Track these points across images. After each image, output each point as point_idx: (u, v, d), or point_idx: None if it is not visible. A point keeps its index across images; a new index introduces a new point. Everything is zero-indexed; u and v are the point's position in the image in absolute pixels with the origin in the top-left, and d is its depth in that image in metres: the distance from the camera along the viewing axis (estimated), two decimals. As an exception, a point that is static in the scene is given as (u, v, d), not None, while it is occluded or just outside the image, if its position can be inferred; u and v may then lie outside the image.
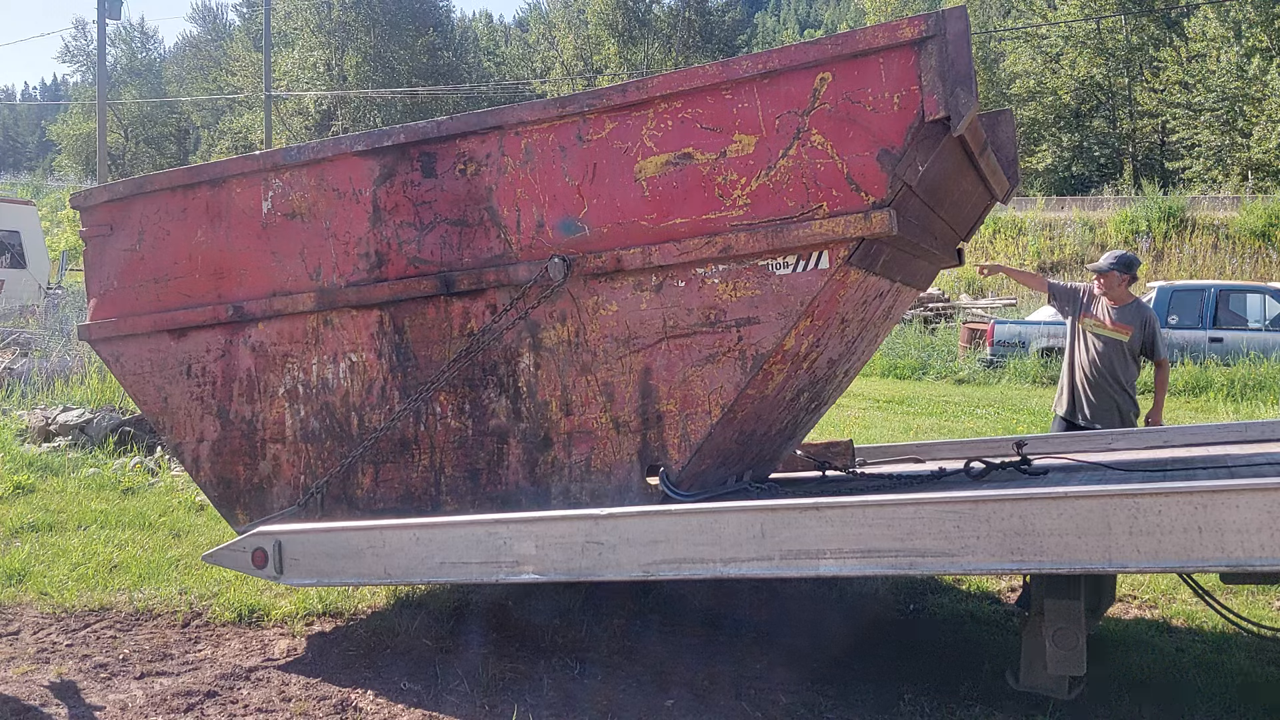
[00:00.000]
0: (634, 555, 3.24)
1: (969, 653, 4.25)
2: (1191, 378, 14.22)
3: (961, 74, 3.06)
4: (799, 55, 3.24)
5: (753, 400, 3.63)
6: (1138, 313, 5.71)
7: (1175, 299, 15.87)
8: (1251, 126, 32.41)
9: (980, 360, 16.39)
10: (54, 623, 4.53)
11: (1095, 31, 39.04)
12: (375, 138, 3.95)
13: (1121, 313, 5.69)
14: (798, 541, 3.03)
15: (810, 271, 3.31)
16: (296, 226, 4.12)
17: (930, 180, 3.46)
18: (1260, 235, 25.41)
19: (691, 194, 3.42)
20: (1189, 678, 3.95)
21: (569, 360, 3.70)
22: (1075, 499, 2.75)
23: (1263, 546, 2.57)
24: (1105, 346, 5.66)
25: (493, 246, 3.77)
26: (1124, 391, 5.69)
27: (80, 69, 66.52)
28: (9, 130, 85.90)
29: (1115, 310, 5.69)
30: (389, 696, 3.75)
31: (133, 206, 4.47)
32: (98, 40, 27.89)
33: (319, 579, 3.83)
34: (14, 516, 6.16)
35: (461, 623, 4.53)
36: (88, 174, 49.06)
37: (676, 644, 4.28)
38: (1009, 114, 4.50)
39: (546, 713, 3.61)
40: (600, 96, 3.56)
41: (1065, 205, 31.58)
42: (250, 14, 58.28)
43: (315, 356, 4.16)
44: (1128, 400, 5.70)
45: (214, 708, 3.66)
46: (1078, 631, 3.17)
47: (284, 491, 4.28)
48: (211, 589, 4.92)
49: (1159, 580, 5.20)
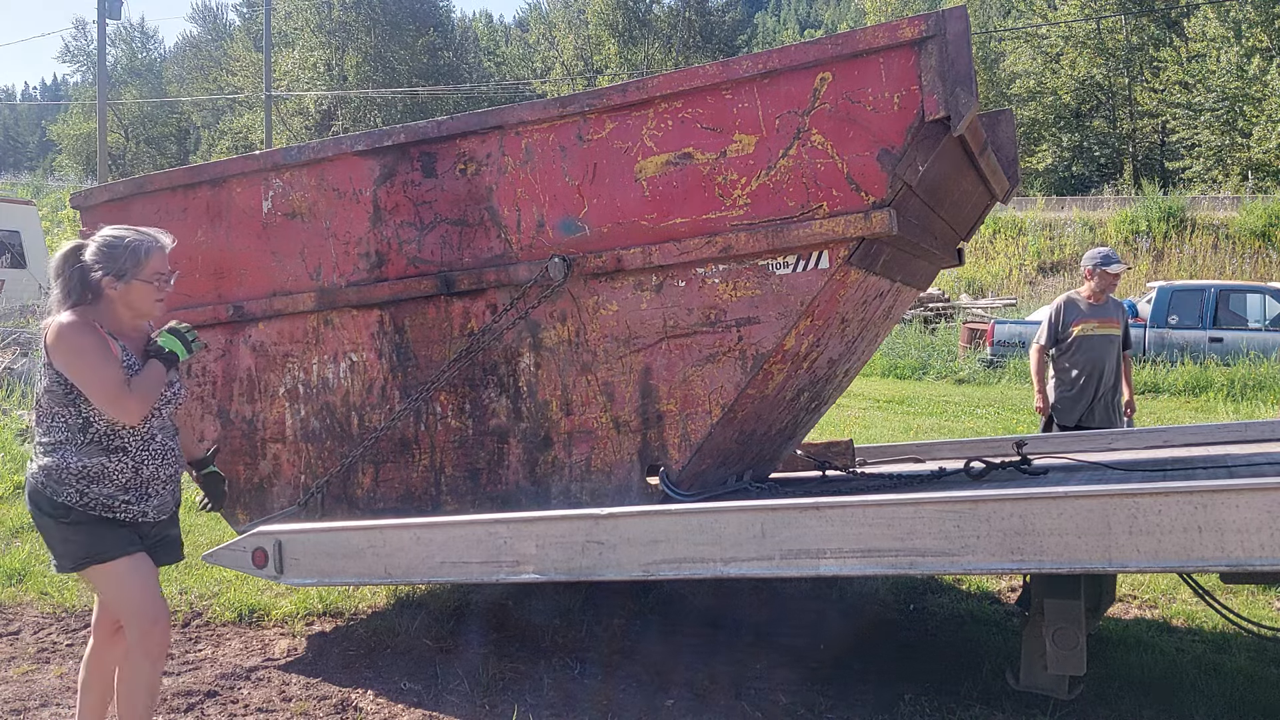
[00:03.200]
0: (634, 555, 3.24)
1: (969, 653, 4.25)
2: (1191, 378, 14.22)
3: (961, 74, 3.06)
4: (799, 55, 3.24)
5: (753, 400, 3.63)
6: (1116, 305, 5.85)
7: (1175, 299, 15.87)
8: (1251, 126, 32.37)
9: (980, 360, 16.39)
10: (54, 622, 4.53)
11: (1095, 31, 38.99)
12: (375, 138, 3.96)
13: (1106, 308, 5.79)
14: (798, 541, 3.03)
15: (810, 271, 3.31)
16: (297, 226, 4.12)
17: (930, 180, 3.46)
18: (1260, 235, 25.39)
19: (691, 194, 3.42)
20: (1189, 678, 3.95)
21: (569, 360, 3.70)
22: (1075, 499, 2.75)
23: (1263, 546, 2.57)
24: (1100, 345, 5.70)
25: (493, 246, 3.78)
26: (1120, 385, 5.81)
27: (80, 69, 66.55)
28: (9, 130, 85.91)
29: (1099, 308, 5.77)
30: (389, 696, 3.76)
31: (133, 206, 4.47)
32: (98, 40, 27.91)
33: (319, 579, 3.83)
34: (14, 516, 6.16)
35: (461, 623, 4.53)
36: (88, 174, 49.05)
37: (676, 644, 4.28)
38: (1009, 114, 4.50)
39: (546, 713, 3.61)
40: (600, 96, 3.56)
41: (1065, 205, 31.55)
42: (250, 14, 58.25)
43: (315, 356, 4.16)
44: (1120, 393, 5.84)
45: (214, 707, 3.66)
46: (1078, 631, 3.17)
47: (284, 491, 4.28)
48: (212, 589, 4.92)
49: (1159, 580, 5.20)
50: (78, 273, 2.87)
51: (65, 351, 2.78)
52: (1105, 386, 5.72)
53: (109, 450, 2.86)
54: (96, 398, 2.78)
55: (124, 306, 2.90)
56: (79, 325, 2.80)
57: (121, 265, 2.86)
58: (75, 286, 2.87)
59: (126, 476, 2.88)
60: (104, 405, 2.79)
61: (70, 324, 2.80)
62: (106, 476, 2.85)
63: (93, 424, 2.84)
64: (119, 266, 2.86)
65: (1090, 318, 5.74)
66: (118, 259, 2.86)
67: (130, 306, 2.91)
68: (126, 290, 2.87)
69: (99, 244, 2.88)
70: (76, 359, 2.78)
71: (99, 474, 2.84)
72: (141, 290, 2.89)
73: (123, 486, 2.88)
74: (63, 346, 2.78)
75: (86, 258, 2.87)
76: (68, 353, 2.78)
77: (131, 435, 2.89)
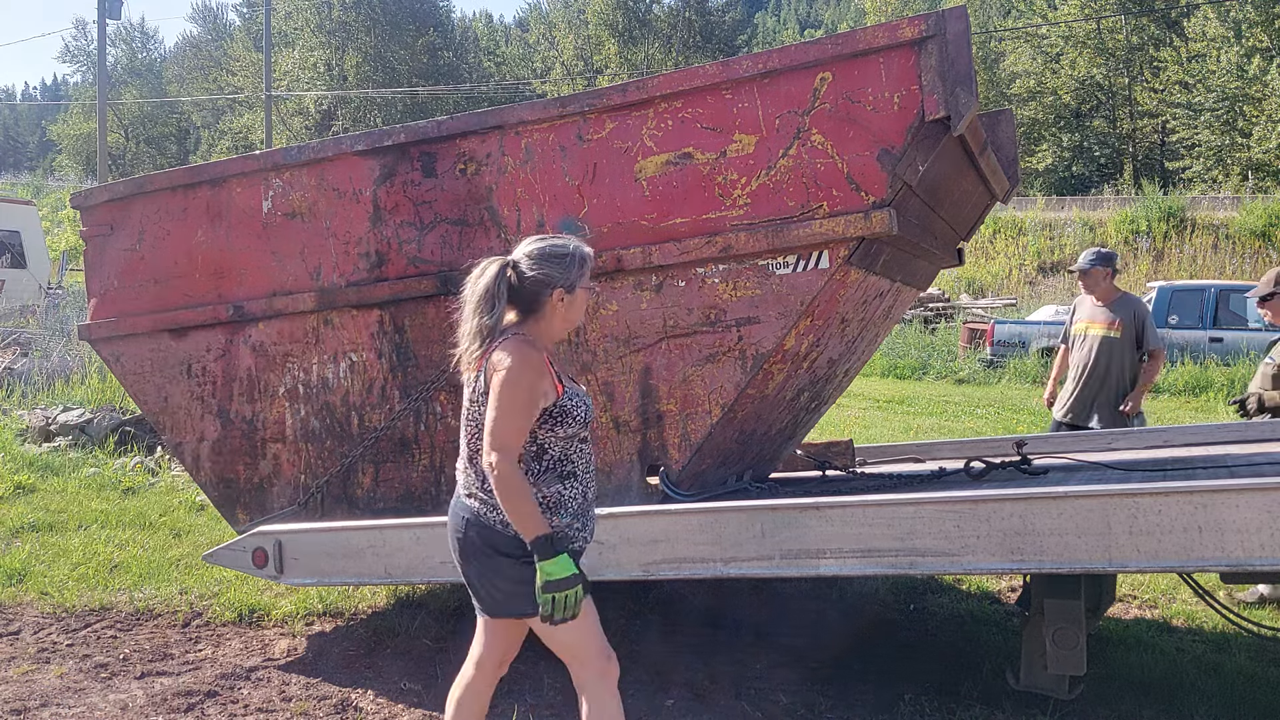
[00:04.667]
0: (634, 555, 3.24)
1: (969, 653, 4.25)
2: (1191, 378, 14.22)
3: (961, 74, 3.06)
4: (799, 55, 3.25)
5: (753, 400, 3.63)
6: (1125, 305, 5.77)
7: (1175, 299, 15.87)
8: (1251, 126, 32.38)
9: (980, 360, 16.39)
10: (54, 622, 4.53)
11: (1095, 31, 39.00)
12: (375, 137, 3.96)
13: (1110, 308, 5.75)
14: (798, 541, 3.04)
15: (810, 271, 3.31)
16: (297, 226, 4.12)
17: (930, 180, 3.46)
18: (1260, 235, 25.39)
19: (691, 194, 3.42)
20: (1189, 678, 3.95)
21: (569, 360, 3.70)
22: (1075, 499, 2.75)
23: (1263, 546, 2.57)
24: (1101, 344, 5.70)
25: (493, 246, 3.77)
26: (1124, 386, 5.72)
27: (80, 69, 66.56)
28: (9, 130, 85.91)
29: (1103, 307, 5.77)
30: (389, 696, 3.76)
31: (133, 206, 4.47)
32: (98, 40, 27.90)
33: (319, 578, 3.84)
34: (14, 516, 6.16)
35: (461, 623, 4.53)
36: (88, 174, 49.06)
37: (676, 644, 4.28)
38: (1009, 114, 4.50)
39: (546, 713, 3.61)
40: (600, 96, 3.56)
41: (1065, 205, 31.56)
42: (250, 14, 58.26)
43: (315, 356, 4.16)
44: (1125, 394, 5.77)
45: (214, 707, 3.66)
46: (1078, 631, 3.17)
47: (284, 491, 4.28)
48: (212, 589, 4.92)
49: (1159, 580, 5.20)
50: (524, 289, 2.64)
51: (508, 380, 2.53)
52: (1103, 387, 5.70)
53: (563, 477, 2.65)
54: (490, 435, 2.53)
55: (562, 319, 2.68)
56: (536, 364, 2.57)
57: (572, 275, 2.65)
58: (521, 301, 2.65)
59: (579, 503, 2.67)
60: (487, 444, 2.53)
61: (530, 356, 2.56)
62: (563, 505, 2.64)
63: (548, 450, 2.64)
64: (571, 277, 2.65)
65: (1084, 318, 5.86)
66: (569, 268, 2.65)
67: (568, 318, 2.69)
68: (572, 300, 2.67)
69: (543, 255, 2.65)
70: (508, 391, 2.53)
71: (556, 503, 2.63)
72: (583, 299, 2.70)
73: (576, 514, 2.67)
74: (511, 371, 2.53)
75: (531, 271, 2.63)
76: (509, 384, 2.53)
77: (580, 457, 2.69)
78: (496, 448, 2.51)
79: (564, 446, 2.66)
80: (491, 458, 2.51)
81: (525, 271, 2.65)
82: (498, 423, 2.53)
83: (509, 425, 2.53)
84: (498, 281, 2.62)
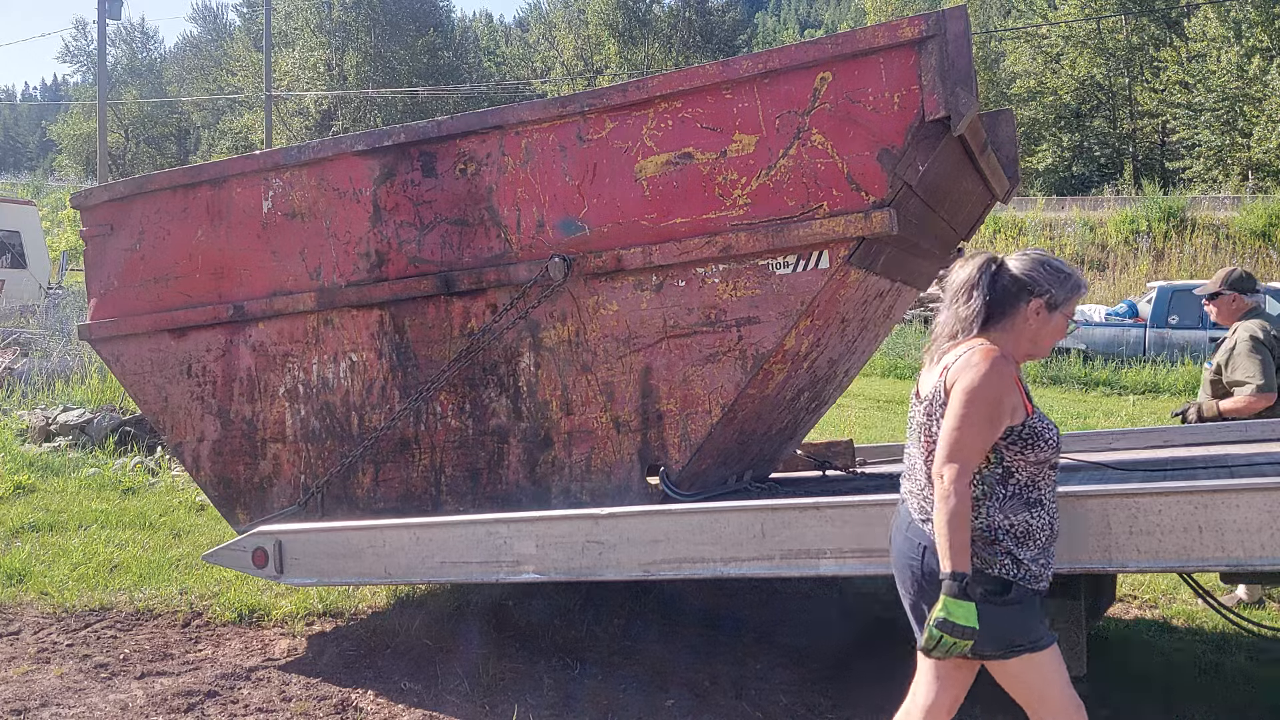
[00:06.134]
0: (634, 555, 3.24)
1: (969, 652, 4.24)
2: (1191, 378, 14.22)
3: (962, 74, 3.06)
4: (799, 55, 3.25)
5: (753, 400, 3.63)
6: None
7: (1175, 299, 15.88)
8: (1251, 126, 32.38)
9: (980, 360, 16.36)
10: (54, 622, 4.53)
11: (1095, 31, 39.00)
12: (375, 137, 3.96)
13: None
14: (798, 541, 3.04)
15: (810, 271, 3.31)
16: (297, 226, 4.12)
17: (930, 180, 3.46)
18: (1260, 235, 25.39)
19: (691, 193, 3.42)
20: (1189, 678, 3.95)
21: (569, 360, 3.70)
22: (1075, 499, 2.75)
23: (1263, 546, 2.57)
24: None
25: (493, 246, 3.78)
26: None
27: (80, 69, 66.60)
28: (9, 130, 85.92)
29: None
30: (389, 696, 3.76)
31: (133, 206, 4.47)
32: (98, 40, 27.91)
33: (319, 578, 3.83)
34: (14, 516, 6.16)
35: (461, 623, 4.53)
36: (88, 174, 49.05)
37: (676, 644, 4.28)
38: (1009, 114, 4.49)
39: (546, 713, 3.61)
40: (600, 96, 3.56)
41: (1065, 205, 31.54)
42: (250, 14, 58.22)
43: (315, 356, 4.16)
44: None
45: (214, 707, 3.66)
46: (1078, 631, 3.17)
47: (284, 491, 4.28)
48: (212, 589, 4.92)
49: (1159, 580, 5.20)
50: (1003, 287, 2.48)
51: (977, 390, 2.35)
52: None
53: (1030, 504, 2.42)
54: (947, 445, 2.35)
55: (1029, 340, 2.50)
56: (1007, 376, 2.38)
57: (1060, 295, 2.47)
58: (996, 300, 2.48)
59: (1046, 535, 2.43)
60: (942, 455, 2.36)
61: (1001, 366, 2.38)
62: (1030, 536, 2.40)
63: (1014, 473, 2.42)
64: (1058, 296, 2.46)
65: None
66: (1062, 285, 2.47)
67: (1036, 341, 2.50)
68: (1047, 321, 2.48)
69: (1039, 263, 2.49)
70: (973, 401, 2.35)
71: (1024, 533, 2.40)
72: (1060, 326, 2.50)
73: (1043, 548, 2.43)
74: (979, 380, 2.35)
75: (1021, 273, 2.48)
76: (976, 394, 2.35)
77: (1047, 485, 2.46)
78: (953, 460, 2.33)
79: (1032, 472, 2.43)
80: (945, 469, 2.33)
81: (1010, 269, 2.49)
82: (959, 434, 2.34)
83: (971, 439, 2.35)
84: (981, 272, 2.48)
